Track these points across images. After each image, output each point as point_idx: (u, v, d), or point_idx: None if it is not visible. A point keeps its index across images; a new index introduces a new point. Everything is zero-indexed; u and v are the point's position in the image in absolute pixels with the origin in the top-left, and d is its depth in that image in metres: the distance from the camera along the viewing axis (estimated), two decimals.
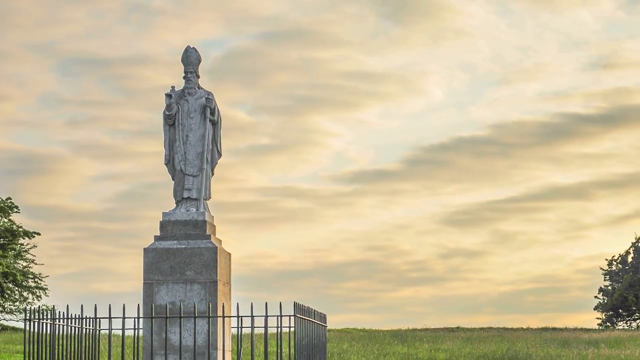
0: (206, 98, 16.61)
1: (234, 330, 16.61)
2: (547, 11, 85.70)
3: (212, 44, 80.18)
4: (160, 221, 16.42)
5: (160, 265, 16.05)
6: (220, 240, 16.67)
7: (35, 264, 50.79)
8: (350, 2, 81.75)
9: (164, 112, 16.60)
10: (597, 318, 64.68)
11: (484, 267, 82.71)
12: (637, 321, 63.84)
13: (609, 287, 64.90)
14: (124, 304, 15.18)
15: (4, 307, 49.48)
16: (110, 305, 15.36)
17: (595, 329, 54.29)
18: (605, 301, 64.22)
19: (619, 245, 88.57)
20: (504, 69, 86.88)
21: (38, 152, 79.38)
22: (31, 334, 15.69)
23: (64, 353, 15.90)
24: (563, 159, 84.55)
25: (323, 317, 18.07)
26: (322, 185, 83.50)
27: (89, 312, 15.98)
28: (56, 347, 15.79)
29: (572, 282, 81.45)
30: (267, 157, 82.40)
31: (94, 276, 71.51)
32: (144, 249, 16.18)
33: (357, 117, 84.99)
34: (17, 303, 49.56)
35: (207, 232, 16.28)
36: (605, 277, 65.70)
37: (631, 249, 64.93)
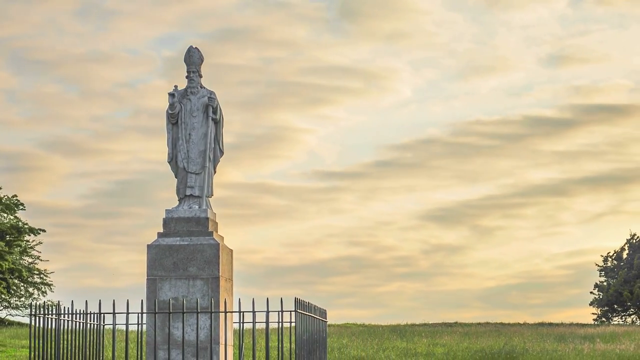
0: (208, 97, 16.63)
1: (236, 326, 16.63)
2: (504, 7, 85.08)
3: (166, 41, 79.93)
4: (164, 218, 16.43)
5: (163, 261, 16.06)
6: (223, 237, 16.68)
7: (41, 260, 50.88)
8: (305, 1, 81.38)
9: (167, 111, 16.62)
10: (593, 313, 64.75)
11: (466, 262, 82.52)
12: (632, 316, 63.86)
13: (604, 283, 64.93)
14: (127, 300, 15.21)
15: (10, 303, 49.53)
16: (114, 300, 15.39)
17: (591, 324, 54.31)
18: (601, 297, 64.23)
19: (596, 241, 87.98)
20: (468, 64, 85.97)
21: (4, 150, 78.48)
22: (37, 329, 15.71)
23: (69, 348, 15.92)
24: (535, 156, 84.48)
25: (323, 313, 18.09)
26: (297, 182, 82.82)
27: (93, 308, 16.02)
28: (61, 341, 15.80)
29: (555, 278, 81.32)
30: (237, 153, 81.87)
31: (81, 272, 71.30)
32: (148, 245, 16.19)
33: (324, 113, 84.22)
34: (22, 299, 49.63)
35: (210, 229, 16.30)
36: (600, 273, 65.73)
37: (626, 245, 64.97)
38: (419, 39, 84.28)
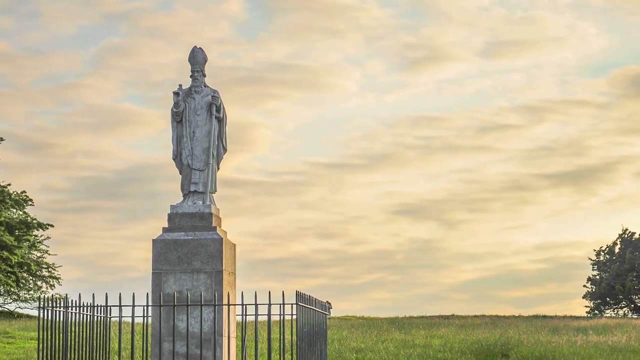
0: (212, 96, 16.64)
1: (239, 318, 16.64)
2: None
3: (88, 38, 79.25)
4: (168, 213, 16.44)
5: (168, 255, 16.07)
6: (226, 232, 16.69)
7: (49, 254, 50.89)
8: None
9: (172, 110, 16.63)
10: (586, 306, 64.76)
11: (441, 255, 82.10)
12: (624, 309, 63.89)
13: (597, 277, 64.95)
14: (133, 293, 15.23)
15: (19, 296, 49.56)
16: (120, 293, 15.41)
17: (584, 317, 54.34)
18: (594, 290, 64.25)
19: (562, 234, 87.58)
20: (416, 55, 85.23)
21: None
22: (45, 321, 15.73)
23: (77, 339, 15.93)
24: (494, 150, 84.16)
25: (324, 306, 18.09)
26: (263, 177, 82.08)
27: (100, 300, 16.03)
28: (69, 333, 15.82)
29: (529, 273, 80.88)
30: None
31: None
32: (153, 240, 16.20)
33: (274, 108, 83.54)
34: (31, 292, 49.66)
35: (213, 224, 16.31)
36: (593, 267, 65.75)
37: (618, 240, 64.97)
38: (360, 34, 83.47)
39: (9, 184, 49.37)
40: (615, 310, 64.02)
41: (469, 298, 76.04)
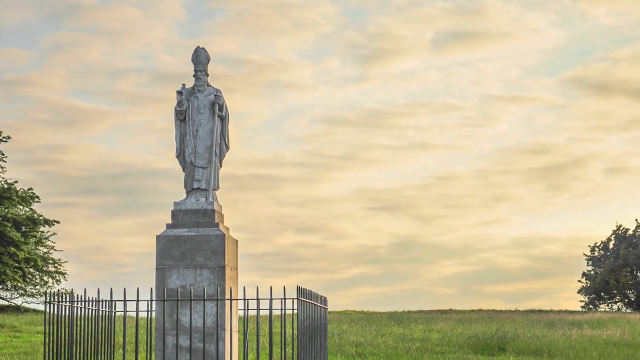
0: (215, 95, 16.63)
1: (241, 312, 16.64)
2: None
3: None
4: (172, 210, 16.44)
5: (171, 251, 16.07)
6: (228, 228, 16.68)
7: (55, 250, 50.91)
8: None
9: (175, 108, 16.63)
10: (581, 301, 64.78)
11: (421, 250, 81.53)
12: (618, 304, 63.90)
13: (592, 272, 64.95)
14: (137, 288, 15.25)
15: (25, 291, 49.58)
16: (125, 289, 15.41)
17: (579, 311, 54.38)
18: (588, 285, 64.25)
19: (536, 229, 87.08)
20: (368, 45, 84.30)
21: None
22: (51, 316, 15.73)
23: (82, 333, 15.94)
24: (462, 146, 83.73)
25: (324, 300, 18.10)
26: (233, 170, 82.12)
27: (105, 295, 16.03)
28: (74, 327, 15.82)
29: (510, 267, 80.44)
30: (140, 139, 79.70)
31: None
32: (157, 236, 16.20)
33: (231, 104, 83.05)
34: (37, 287, 49.67)
35: (216, 221, 16.30)
36: (588, 263, 65.78)
37: (612, 236, 64.97)
38: (314, 29, 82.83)
39: (16, 181, 49.44)
40: (610, 305, 64.04)
41: (456, 293, 75.71)
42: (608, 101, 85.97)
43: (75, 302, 15.86)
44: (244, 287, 15.24)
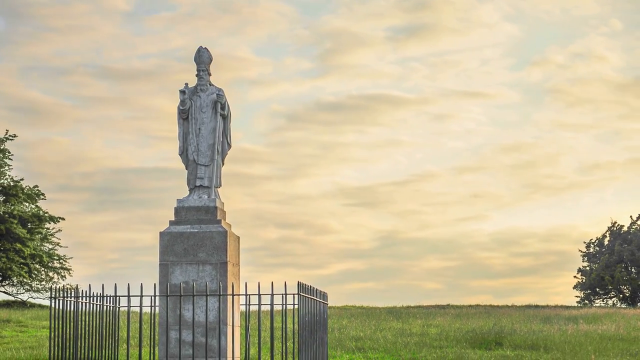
0: (217, 94, 16.64)
1: (243, 308, 16.65)
2: None
3: None
4: (175, 207, 16.44)
5: (174, 247, 16.08)
6: (230, 225, 16.68)
7: (60, 246, 50.91)
8: None
9: (179, 107, 16.64)
10: (576, 296, 64.77)
11: (403, 245, 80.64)
12: (613, 299, 63.88)
13: (587, 268, 64.96)
14: (141, 283, 15.25)
15: (31, 286, 49.59)
16: (129, 284, 15.43)
17: (575, 306, 54.35)
18: (584, 281, 64.27)
19: (513, 224, 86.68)
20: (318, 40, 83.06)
21: None
22: (56, 311, 15.74)
23: (87, 328, 15.94)
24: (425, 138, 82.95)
25: (324, 295, 18.10)
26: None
27: (109, 291, 16.04)
28: (79, 322, 15.83)
29: (492, 265, 79.76)
30: (116, 134, 79.02)
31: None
32: (160, 232, 16.21)
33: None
34: (43, 282, 49.68)
35: (218, 217, 16.31)
36: (583, 259, 65.75)
37: (607, 232, 64.97)
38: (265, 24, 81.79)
39: (22, 179, 49.45)
40: (605, 300, 64.01)
41: (443, 288, 74.98)
42: (567, 96, 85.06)
43: (80, 298, 15.87)
44: (246, 283, 15.26)
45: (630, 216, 64.77)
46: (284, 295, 15.23)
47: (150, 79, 79.49)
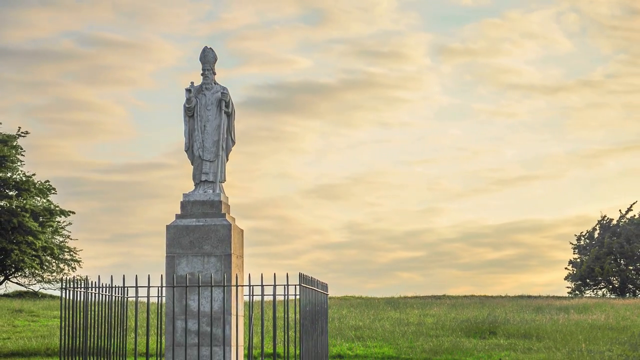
0: (222, 92, 16.63)
1: (246, 298, 16.65)
2: None
3: None
4: (181, 201, 16.45)
5: (180, 240, 16.08)
6: (234, 218, 16.68)
7: (71, 239, 50.97)
8: None
9: (185, 105, 16.63)
10: (567, 287, 64.82)
11: (368, 235, 79.40)
12: (603, 290, 63.91)
13: (578, 260, 64.99)
14: (148, 275, 15.26)
15: (42, 277, 49.72)
16: (136, 275, 15.43)
17: (566, 297, 54.41)
18: (575, 272, 64.31)
19: (475, 214, 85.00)
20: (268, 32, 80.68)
21: None
22: (67, 301, 15.74)
23: (96, 318, 15.95)
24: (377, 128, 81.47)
25: (325, 286, 18.10)
26: (172, 160, 77.33)
27: (117, 282, 16.05)
28: (89, 312, 15.83)
29: (459, 255, 78.52)
30: (92, 136, 77.44)
31: None
32: (167, 225, 16.21)
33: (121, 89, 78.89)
34: (54, 274, 49.77)
35: (223, 211, 16.31)
36: (574, 251, 65.78)
37: (597, 225, 64.98)
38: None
39: (34, 174, 49.49)
40: (595, 290, 64.04)
41: (421, 278, 74.02)
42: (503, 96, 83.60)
43: (90, 288, 15.87)
44: (249, 274, 15.26)
45: (620, 210, 64.81)
46: (286, 286, 15.24)
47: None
